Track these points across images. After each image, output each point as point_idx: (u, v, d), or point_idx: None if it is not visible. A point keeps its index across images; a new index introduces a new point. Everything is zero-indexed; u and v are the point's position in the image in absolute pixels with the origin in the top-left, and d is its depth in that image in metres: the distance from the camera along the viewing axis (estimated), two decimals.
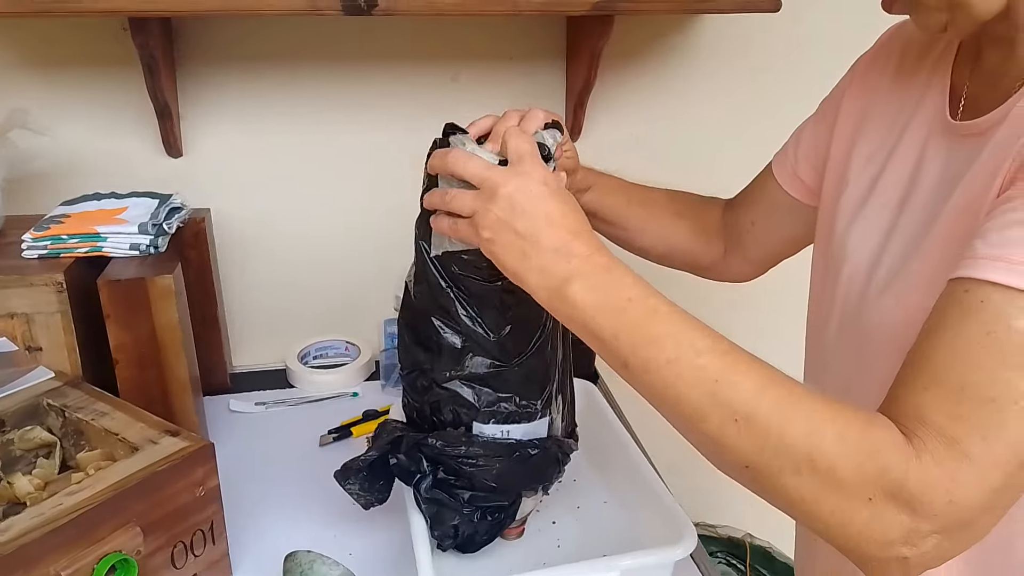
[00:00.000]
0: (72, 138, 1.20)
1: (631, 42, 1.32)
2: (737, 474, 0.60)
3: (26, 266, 0.98)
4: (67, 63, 1.19)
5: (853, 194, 0.78)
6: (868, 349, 0.73)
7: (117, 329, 0.97)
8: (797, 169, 0.89)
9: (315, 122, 1.29)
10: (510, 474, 0.82)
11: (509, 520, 0.86)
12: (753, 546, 1.54)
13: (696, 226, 0.99)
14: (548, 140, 0.74)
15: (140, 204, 1.09)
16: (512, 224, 0.65)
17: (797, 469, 0.55)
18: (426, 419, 0.85)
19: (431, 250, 0.78)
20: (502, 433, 0.82)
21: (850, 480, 0.54)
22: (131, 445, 0.83)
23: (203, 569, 0.84)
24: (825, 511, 0.55)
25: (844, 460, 0.54)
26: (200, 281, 1.16)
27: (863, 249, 0.75)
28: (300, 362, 1.30)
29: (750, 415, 0.56)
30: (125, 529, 0.75)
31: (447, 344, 0.80)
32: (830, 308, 0.80)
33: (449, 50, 1.30)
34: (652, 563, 0.81)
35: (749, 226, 0.96)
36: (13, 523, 0.70)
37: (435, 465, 0.83)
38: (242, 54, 1.23)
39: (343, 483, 0.87)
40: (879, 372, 0.70)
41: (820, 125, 0.87)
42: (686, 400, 0.58)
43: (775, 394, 0.57)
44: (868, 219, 0.75)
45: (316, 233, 1.35)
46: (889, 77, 0.79)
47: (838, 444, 0.54)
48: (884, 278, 0.71)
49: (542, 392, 0.83)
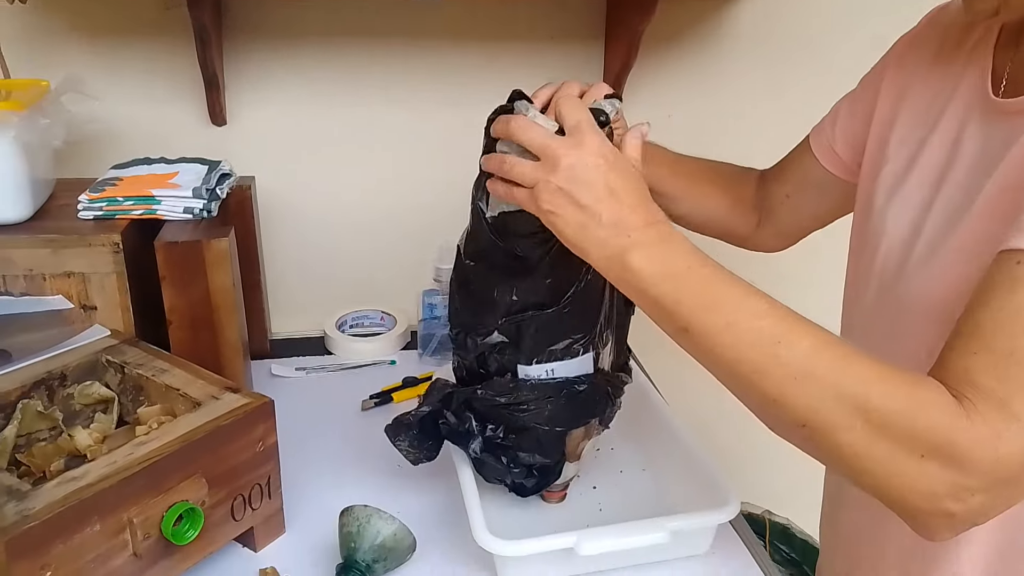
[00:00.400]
0: (120, 105, 1.22)
1: (672, 24, 1.34)
2: (795, 433, 0.62)
3: (83, 226, 1.00)
4: (116, 31, 1.20)
5: (892, 171, 0.81)
6: (904, 320, 0.75)
7: (172, 291, 0.99)
8: (834, 144, 0.92)
9: (355, 97, 1.31)
10: (560, 413, 0.83)
11: (554, 477, 0.89)
12: (772, 523, 1.58)
13: (733, 197, 1.02)
14: (608, 108, 0.76)
15: (190, 170, 1.10)
16: (572, 196, 0.67)
17: (851, 426, 0.58)
18: (474, 374, 0.87)
19: (487, 211, 0.80)
20: (547, 373, 0.83)
21: (901, 436, 0.57)
22: (193, 401, 0.85)
23: (260, 522, 0.87)
24: (876, 466, 0.58)
25: (896, 417, 0.57)
26: (244, 248, 1.18)
27: (901, 225, 0.77)
28: (337, 330, 1.32)
29: (809, 373, 0.59)
30: (192, 480, 0.77)
31: (499, 300, 0.82)
32: (867, 281, 0.82)
33: (487, 30, 1.31)
34: (698, 526, 0.84)
35: (783, 198, 0.99)
36: (88, 470, 0.72)
37: (484, 423, 0.85)
38: (286, 29, 1.25)
39: (393, 439, 0.89)
40: (914, 342, 0.73)
41: (859, 102, 0.89)
42: (746, 360, 0.61)
43: (832, 354, 0.60)
44: (906, 196, 0.78)
45: (354, 205, 1.37)
46: (930, 58, 0.81)
47: (890, 401, 0.58)
48: (923, 252, 0.73)
49: (589, 329, 0.84)
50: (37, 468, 0.86)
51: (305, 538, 0.90)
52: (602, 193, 0.67)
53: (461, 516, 0.85)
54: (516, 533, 0.81)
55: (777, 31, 1.40)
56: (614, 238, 0.66)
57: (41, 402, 0.88)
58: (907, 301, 0.74)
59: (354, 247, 1.39)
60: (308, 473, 1.00)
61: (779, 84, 1.44)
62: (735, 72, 1.42)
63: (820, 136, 0.94)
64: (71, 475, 0.71)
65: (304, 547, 0.89)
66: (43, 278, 0.97)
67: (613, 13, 1.31)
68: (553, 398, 0.83)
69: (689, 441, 0.96)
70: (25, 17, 1.16)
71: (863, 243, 0.84)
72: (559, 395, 0.83)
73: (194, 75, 1.20)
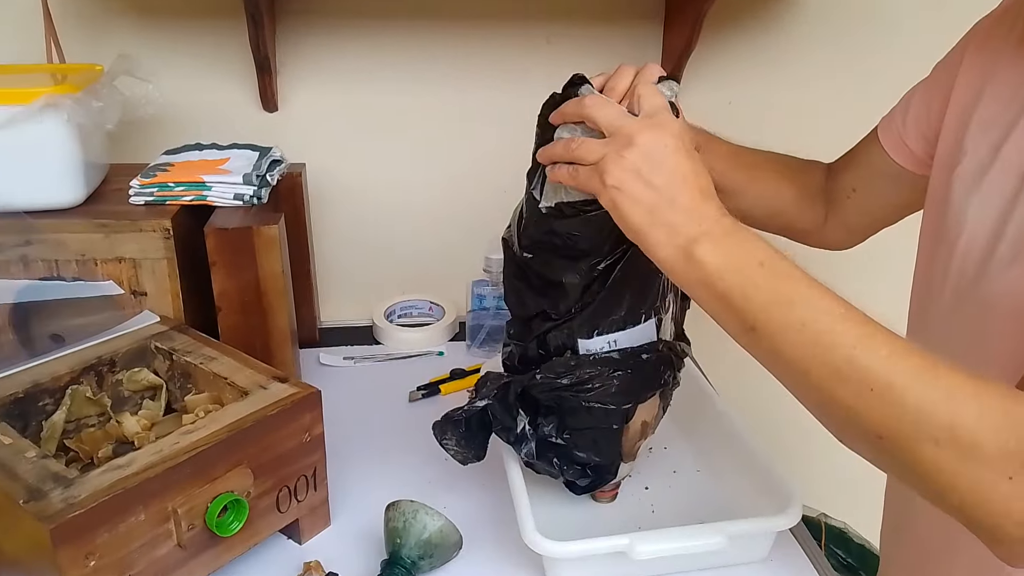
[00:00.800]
0: (172, 88, 1.21)
1: (737, 6, 1.29)
2: (868, 445, 0.58)
3: (135, 211, 0.99)
4: (170, 14, 1.20)
5: (972, 162, 0.75)
6: (988, 321, 0.70)
7: (222, 277, 0.98)
8: (905, 135, 0.86)
9: (408, 81, 1.28)
10: (628, 386, 0.79)
11: (610, 476, 0.86)
12: (828, 526, 1.52)
13: (797, 190, 0.97)
14: (666, 92, 0.72)
15: (241, 156, 1.10)
16: (646, 176, 0.63)
17: (936, 440, 0.53)
18: (532, 360, 0.83)
19: (541, 200, 0.76)
20: (609, 344, 0.79)
21: (992, 454, 0.52)
22: (240, 389, 0.84)
23: (305, 514, 0.86)
24: (963, 485, 0.53)
25: (987, 433, 0.52)
26: (294, 235, 1.17)
27: (984, 219, 0.72)
28: (386, 319, 1.31)
29: (890, 382, 0.54)
30: (238, 470, 0.76)
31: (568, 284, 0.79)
32: (943, 280, 0.77)
33: (544, 10, 1.28)
34: (758, 531, 0.80)
35: (850, 192, 0.93)
36: (134, 458, 0.71)
37: (536, 421, 0.82)
38: (340, 11, 1.23)
39: (441, 438, 0.87)
40: (1000, 344, 0.68)
41: (933, 90, 0.84)
42: (821, 364, 0.57)
43: (915, 363, 0.55)
44: (990, 188, 0.72)
45: (405, 192, 1.35)
46: (1015, 41, 0.75)
47: (981, 417, 0.52)
48: (1009, 250, 0.68)
49: (650, 292, 0.80)
50: (85, 454, 0.86)
51: (350, 531, 0.88)
52: (677, 178, 0.63)
53: (510, 514, 0.83)
54: (566, 533, 0.78)
55: (848, 12, 1.34)
56: (685, 224, 0.62)
57: (90, 387, 0.88)
58: (993, 302, 0.69)
59: (404, 236, 1.37)
60: (354, 465, 0.98)
61: (849, 70, 1.38)
62: (801, 57, 1.36)
63: (890, 127, 0.88)
64: (117, 463, 0.70)
65: (349, 540, 0.87)
66: (95, 263, 0.97)
67: None
68: (620, 371, 0.78)
69: (746, 439, 0.92)
70: (79, 1, 1.16)
71: (938, 240, 0.79)
72: (625, 367, 0.79)
73: (246, 59, 1.19)
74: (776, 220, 0.98)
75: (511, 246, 0.83)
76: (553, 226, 0.76)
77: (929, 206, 0.82)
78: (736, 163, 0.94)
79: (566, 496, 0.91)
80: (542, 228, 0.77)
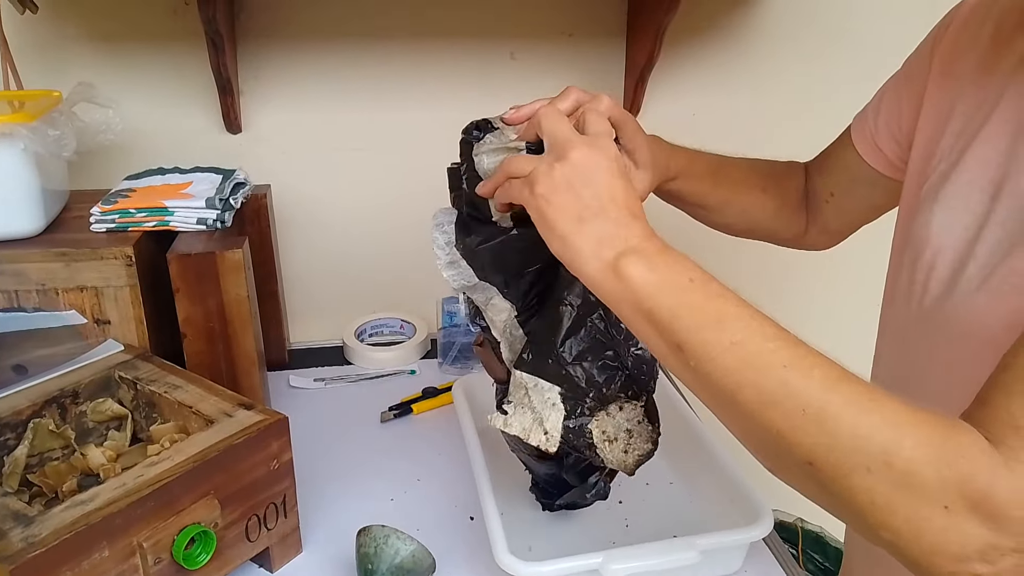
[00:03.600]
0: (133, 114, 1.20)
1: (696, 18, 1.30)
2: (798, 472, 0.54)
3: (96, 239, 0.98)
4: (128, 38, 1.19)
5: (938, 174, 0.73)
6: (952, 343, 0.68)
7: (186, 303, 0.97)
8: (877, 139, 0.84)
9: (372, 99, 1.28)
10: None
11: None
12: (805, 530, 1.53)
13: (779, 201, 0.95)
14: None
15: (204, 179, 1.09)
16: (575, 187, 0.60)
17: (869, 468, 0.49)
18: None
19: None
20: None
21: (929, 485, 0.48)
22: (206, 418, 0.83)
23: (275, 542, 0.85)
24: (897, 518, 0.50)
25: (924, 463, 0.49)
26: (261, 256, 1.16)
27: (950, 233, 0.69)
28: (356, 339, 1.30)
29: (822, 407, 0.51)
30: (204, 501, 0.75)
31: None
32: (908, 291, 0.76)
33: (507, 26, 1.28)
34: (731, 543, 0.80)
35: (828, 196, 0.92)
36: (97, 493, 0.70)
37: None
38: (300, 30, 1.22)
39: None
40: (960, 366, 0.65)
41: (904, 90, 0.81)
42: (749, 386, 0.53)
43: (850, 388, 0.52)
44: (956, 199, 0.70)
45: (372, 211, 1.34)
46: (986, 39, 0.72)
47: (918, 446, 0.49)
48: (977, 273, 0.66)
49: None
50: (50, 488, 0.84)
51: (323, 557, 0.87)
52: (606, 194, 0.61)
53: (482, 536, 0.82)
54: (539, 552, 0.78)
55: (808, 23, 1.36)
56: (613, 238, 0.59)
57: (53, 420, 0.87)
58: (957, 325, 0.67)
59: (373, 254, 1.37)
60: (326, 489, 0.98)
61: (810, 80, 1.39)
62: (763, 68, 1.37)
63: (863, 129, 0.86)
64: (79, 498, 0.69)
65: (322, 567, 0.86)
66: (56, 292, 0.96)
67: (635, 7, 1.27)
68: None
69: (717, 451, 0.92)
70: (36, 27, 1.14)
71: (903, 249, 0.77)
72: None
73: (208, 81, 1.18)
74: (759, 231, 0.98)
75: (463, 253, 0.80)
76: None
77: (900, 212, 0.81)
78: (717, 180, 0.92)
79: (539, 515, 0.91)
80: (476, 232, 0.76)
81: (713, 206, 0.92)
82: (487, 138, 0.72)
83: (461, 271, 0.76)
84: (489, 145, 0.72)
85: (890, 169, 0.84)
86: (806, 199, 0.95)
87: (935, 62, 0.77)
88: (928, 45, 0.80)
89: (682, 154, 0.88)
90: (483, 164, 0.72)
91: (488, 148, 0.72)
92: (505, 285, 0.77)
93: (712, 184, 0.91)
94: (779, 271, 1.43)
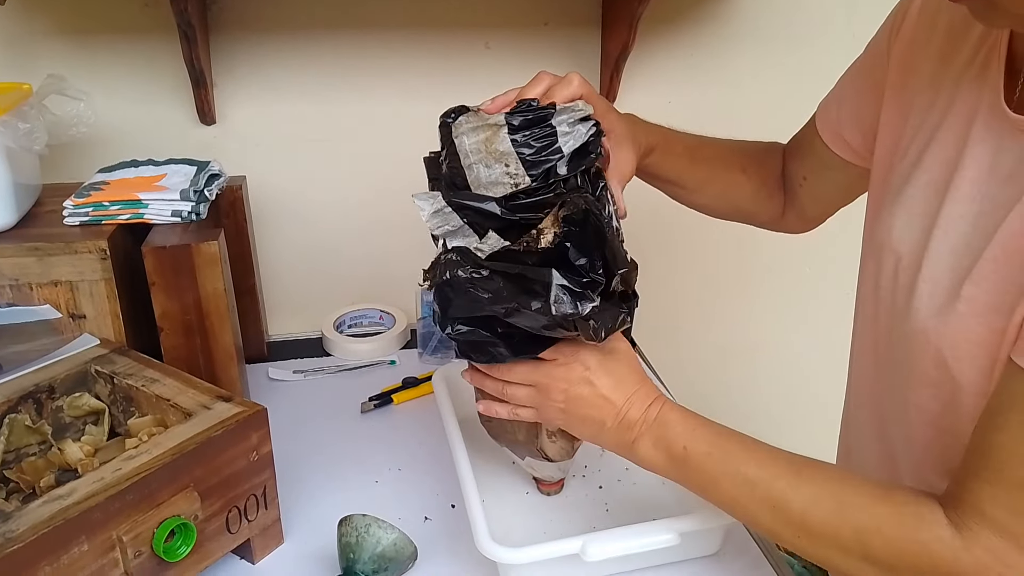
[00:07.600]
0: (105, 106, 1.18)
1: (670, 7, 1.30)
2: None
3: (69, 233, 0.97)
4: (99, 31, 1.17)
5: (903, 167, 0.73)
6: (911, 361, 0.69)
7: (162, 296, 0.97)
8: (841, 128, 0.84)
9: (347, 90, 1.28)
10: None
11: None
12: None
13: (757, 184, 0.95)
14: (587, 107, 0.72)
15: (178, 171, 1.08)
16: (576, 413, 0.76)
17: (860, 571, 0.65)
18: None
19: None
20: None
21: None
22: (184, 411, 0.83)
23: (256, 533, 0.85)
24: None
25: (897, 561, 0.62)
26: (238, 249, 1.16)
27: (907, 239, 0.70)
28: (335, 331, 1.30)
29: (808, 529, 0.67)
30: (184, 494, 0.75)
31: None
32: (875, 293, 0.76)
33: (482, 17, 1.28)
34: (709, 526, 0.81)
35: (802, 180, 0.93)
36: (75, 487, 0.70)
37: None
38: (274, 22, 1.21)
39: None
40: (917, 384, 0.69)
41: (866, 79, 0.81)
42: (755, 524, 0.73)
43: (826, 508, 0.66)
44: (912, 201, 0.70)
45: (349, 201, 1.34)
46: (942, 29, 0.72)
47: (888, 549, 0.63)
48: (932, 295, 0.66)
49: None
50: (27, 484, 0.83)
51: (304, 547, 0.88)
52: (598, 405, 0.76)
53: (463, 523, 0.83)
54: (521, 538, 0.78)
55: (779, 12, 1.36)
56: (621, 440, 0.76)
57: (29, 416, 0.86)
58: (913, 344, 0.68)
59: (350, 244, 1.36)
60: (307, 480, 0.98)
61: (782, 68, 1.40)
62: (736, 56, 1.38)
63: (827, 117, 0.87)
64: (57, 493, 0.69)
65: (303, 557, 0.86)
66: (30, 287, 0.95)
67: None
68: None
69: None
70: (4, 19, 1.13)
71: (868, 253, 0.78)
72: None
73: (181, 73, 1.17)
74: (737, 213, 0.99)
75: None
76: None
77: (868, 205, 0.81)
78: (694, 159, 0.92)
79: (520, 500, 0.92)
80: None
81: (691, 185, 0.92)
82: (464, 118, 0.73)
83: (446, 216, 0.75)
84: (468, 124, 0.72)
85: (856, 158, 0.85)
86: (783, 182, 0.96)
87: (893, 52, 0.77)
88: (884, 35, 0.79)
89: (658, 130, 0.89)
90: (464, 144, 0.72)
91: (468, 127, 0.72)
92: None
93: (689, 161, 0.91)
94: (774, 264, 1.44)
